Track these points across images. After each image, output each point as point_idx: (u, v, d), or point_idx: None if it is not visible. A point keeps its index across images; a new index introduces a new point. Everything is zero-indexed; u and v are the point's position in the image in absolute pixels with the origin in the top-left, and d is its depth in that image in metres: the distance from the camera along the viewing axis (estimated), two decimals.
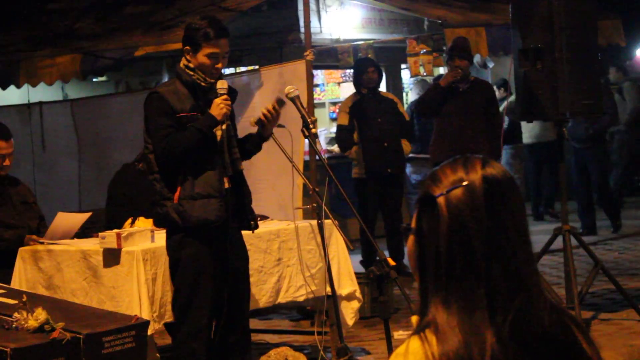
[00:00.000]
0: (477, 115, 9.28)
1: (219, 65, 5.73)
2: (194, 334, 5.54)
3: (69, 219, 6.57)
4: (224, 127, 5.69)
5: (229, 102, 5.69)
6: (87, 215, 6.80)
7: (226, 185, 5.63)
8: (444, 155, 8.80)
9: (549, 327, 2.16)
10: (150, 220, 6.60)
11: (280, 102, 5.80)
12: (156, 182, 5.72)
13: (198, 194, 5.51)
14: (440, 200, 2.19)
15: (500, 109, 13.03)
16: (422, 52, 12.51)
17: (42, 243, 6.23)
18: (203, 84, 5.72)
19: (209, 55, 5.65)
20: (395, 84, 15.09)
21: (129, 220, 6.65)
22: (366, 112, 9.83)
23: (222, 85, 5.70)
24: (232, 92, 5.87)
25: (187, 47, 5.75)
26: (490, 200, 2.19)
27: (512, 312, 2.12)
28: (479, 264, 2.15)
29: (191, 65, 5.72)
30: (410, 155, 10.65)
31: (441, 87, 9.39)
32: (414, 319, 2.23)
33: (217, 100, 5.64)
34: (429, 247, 2.20)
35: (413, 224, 2.26)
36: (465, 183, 2.20)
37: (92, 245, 5.97)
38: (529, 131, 13.46)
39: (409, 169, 11.75)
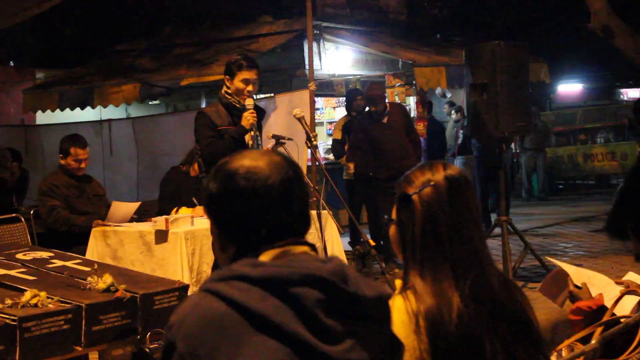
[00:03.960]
0: (399, 131, 8.93)
1: (250, 88, 5.81)
2: None
3: (122, 207, 6.55)
4: (252, 133, 5.76)
5: (255, 114, 5.79)
6: (137, 205, 6.78)
7: None
8: (384, 169, 8.52)
9: (498, 289, 2.18)
10: (190, 209, 6.60)
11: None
12: (204, 178, 5.76)
13: None
14: (415, 197, 2.20)
15: (454, 129, 13.05)
16: (397, 85, 12.52)
17: (107, 226, 6.23)
18: (237, 105, 5.83)
19: (242, 80, 5.78)
20: None
21: (174, 210, 6.66)
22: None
23: (249, 102, 5.81)
24: (259, 110, 5.98)
25: (227, 76, 5.88)
26: (451, 194, 2.20)
27: (470, 279, 2.13)
28: (445, 244, 2.16)
29: (229, 90, 5.84)
30: None
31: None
32: (398, 283, 2.24)
33: (245, 114, 5.75)
34: (407, 234, 2.21)
35: (393, 216, 2.27)
36: (432, 183, 2.20)
37: (147, 227, 5.97)
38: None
39: None
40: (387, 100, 9.26)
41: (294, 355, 1.65)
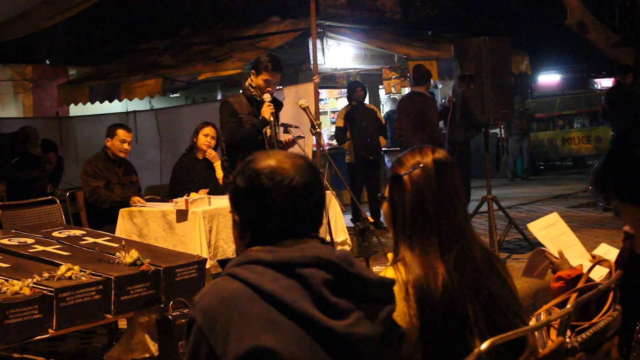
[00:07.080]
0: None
1: (269, 88, 5.92)
2: None
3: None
4: (271, 124, 5.87)
5: (272, 107, 5.87)
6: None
7: None
8: (424, 141, 8.68)
9: (480, 261, 2.17)
10: (198, 193, 6.54)
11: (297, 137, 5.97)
12: (225, 161, 6.01)
13: None
14: (405, 178, 2.19)
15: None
16: (393, 77, 12.51)
17: (143, 206, 6.20)
18: (258, 98, 5.94)
19: (265, 80, 5.88)
20: (375, 99, 15.06)
21: (185, 195, 6.61)
22: (355, 118, 9.79)
23: (266, 97, 5.90)
24: (277, 103, 6.02)
25: (253, 71, 5.98)
26: (438, 176, 2.19)
27: (454, 252, 2.13)
28: (432, 220, 2.15)
29: (253, 84, 5.94)
30: (384, 148, 10.59)
31: None
32: (390, 255, 2.24)
33: (263, 108, 5.85)
34: (398, 210, 2.20)
35: (386, 194, 2.27)
36: (421, 165, 2.19)
37: (169, 207, 5.96)
38: None
39: (386, 158, 11.70)
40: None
41: (300, 330, 1.66)
